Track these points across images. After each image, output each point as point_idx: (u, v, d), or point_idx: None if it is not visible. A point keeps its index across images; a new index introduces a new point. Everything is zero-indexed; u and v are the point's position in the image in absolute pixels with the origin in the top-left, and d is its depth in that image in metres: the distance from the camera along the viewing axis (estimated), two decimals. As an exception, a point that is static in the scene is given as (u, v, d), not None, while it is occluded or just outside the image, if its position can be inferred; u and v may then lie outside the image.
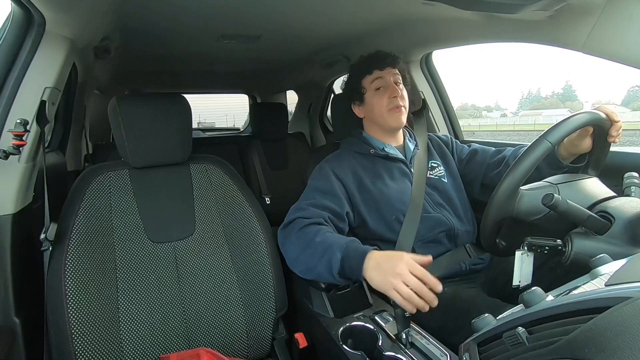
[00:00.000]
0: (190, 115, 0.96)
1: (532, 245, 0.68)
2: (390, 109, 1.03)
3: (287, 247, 0.89)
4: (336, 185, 0.98)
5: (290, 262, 0.89)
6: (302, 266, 0.86)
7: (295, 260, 0.87)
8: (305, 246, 0.84)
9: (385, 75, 1.04)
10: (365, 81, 1.06)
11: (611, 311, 0.32)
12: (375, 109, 1.05)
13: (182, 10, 1.09)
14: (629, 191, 0.72)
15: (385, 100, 1.03)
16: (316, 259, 0.81)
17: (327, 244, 0.81)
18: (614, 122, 0.77)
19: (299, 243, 0.85)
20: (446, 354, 0.68)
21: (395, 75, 1.05)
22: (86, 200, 0.83)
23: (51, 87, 0.77)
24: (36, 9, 0.72)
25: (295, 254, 0.86)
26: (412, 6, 1.09)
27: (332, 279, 0.80)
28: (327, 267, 0.79)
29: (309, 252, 0.83)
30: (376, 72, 1.05)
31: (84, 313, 0.75)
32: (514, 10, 0.82)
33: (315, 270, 0.82)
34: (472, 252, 1.04)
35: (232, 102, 3.68)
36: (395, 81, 1.05)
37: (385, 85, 1.04)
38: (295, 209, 0.94)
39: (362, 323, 0.81)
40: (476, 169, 1.11)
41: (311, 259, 0.82)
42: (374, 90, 1.05)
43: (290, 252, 0.88)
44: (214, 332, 0.87)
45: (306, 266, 0.84)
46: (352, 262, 0.76)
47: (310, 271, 0.84)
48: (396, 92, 1.03)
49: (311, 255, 0.82)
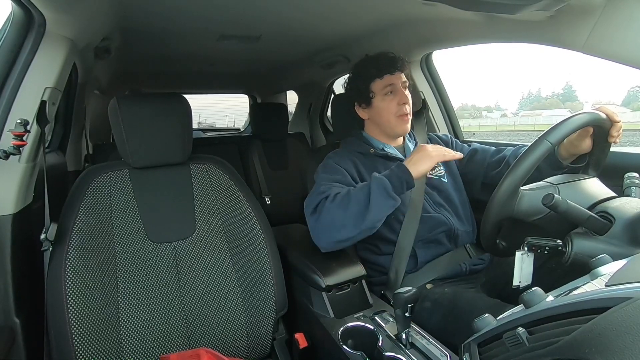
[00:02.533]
0: (191, 115, 0.96)
1: (532, 245, 0.68)
2: (399, 116, 1.03)
3: (327, 220, 0.89)
4: (344, 172, 0.99)
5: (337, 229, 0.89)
6: (351, 219, 0.87)
7: (343, 220, 0.88)
8: (347, 203, 0.88)
9: (395, 79, 1.03)
10: (374, 85, 1.04)
11: (611, 312, 0.32)
12: (384, 114, 1.05)
13: (182, 10, 1.09)
14: (629, 191, 0.72)
15: (394, 106, 1.03)
16: (365, 201, 0.86)
17: (364, 187, 0.89)
18: (614, 122, 0.77)
19: (339, 206, 0.89)
20: (446, 354, 0.68)
21: (403, 79, 1.05)
22: (86, 200, 0.83)
23: (51, 87, 0.77)
24: (36, 9, 0.72)
25: (340, 216, 0.88)
26: (412, 7, 1.09)
27: (389, 203, 0.87)
28: (381, 195, 0.86)
29: (354, 203, 0.87)
30: (387, 76, 1.03)
31: (84, 313, 0.75)
32: (514, 11, 0.82)
33: (369, 210, 0.86)
34: (472, 253, 1.04)
35: (232, 102, 3.68)
36: (404, 86, 1.05)
37: (395, 91, 1.03)
38: (315, 194, 0.94)
39: (362, 323, 0.81)
40: (476, 169, 1.11)
41: (359, 206, 0.86)
42: (383, 95, 1.04)
43: (334, 221, 0.89)
44: (214, 332, 0.87)
45: (358, 214, 0.86)
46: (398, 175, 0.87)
47: (362, 216, 0.86)
48: (405, 98, 1.02)
49: (357, 203, 0.87)
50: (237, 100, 3.34)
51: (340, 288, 0.90)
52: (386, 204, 0.86)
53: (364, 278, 0.93)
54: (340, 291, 0.90)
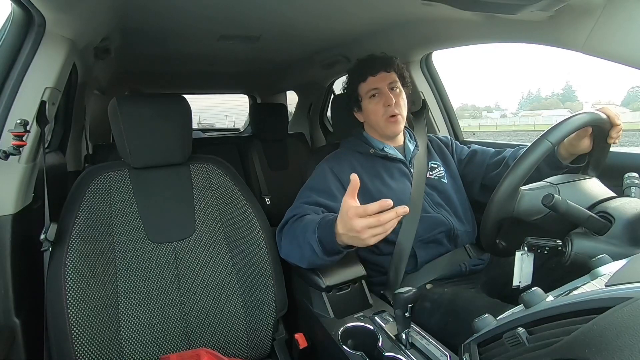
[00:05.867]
0: (190, 115, 0.96)
1: (532, 245, 0.68)
2: (387, 118, 1.02)
3: (282, 245, 0.91)
4: (332, 184, 0.98)
5: (285, 257, 0.91)
6: (296, 258, 0.87)
7: (289, 254, 0.89)
8: (292, 238, 0.86)
9: (378, 81, 1.03)
10: (360, 88, 1.06)
11: (611, 312, 0.32)
12: (372, 117, 1.05)
13: (182, 10, 1.09)
14: (629, 192, 0.72)
15: (381, 108, 1.02)
16: (303, 248, 0.82)
17: (305, 230, 0.82)
18: (614, 124, 0.77)
19: (289, 238, 0.88)
20: (446, 355, 0.68)
21: (389, 79, 1.04)
22: (86, 200, 0.83)
23: (51, 87, 0.77)
24: (36, 10, 0.71)
25: (288, 249, 0.88)
26: (412, 6, 1.09)
27: (323, 261, 0.80)
28: (312, 251, 0.80)
29: (296, 244, 0.84)
30: (370, 78, 1.03)
31: (84, 313, 0.75)
32: (514, 11, 0.82)
33: (307, 258, 0.83)
34: (472, 253, 1.04)
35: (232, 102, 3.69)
36: (391, 86, 1.03)
37: (380, 93, 1.03)
38: (290, 210, 0.95)
39: (362, 323, 0.81)
40: (476, 170, 1.11)
41: (299, 250, 0.83)
42: (369, 98, 1.04)
43: (284, 249, 0.90)
44: (214, 333, 0.87)
45: (300, 257, 0.85)
46: (327, 238, 0.76)
47: (304, 260, 0.84)
48: (390, 100, 1.01)
49: (298, 245, 0.83)
50: (237, 100, 3.35)
51: (340, 288, 0.90)
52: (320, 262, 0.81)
53: (364, 278, 0.93)
54: (340, 291, 0.90)
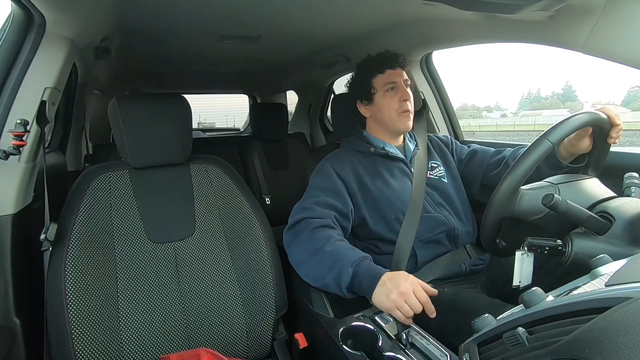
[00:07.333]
0: (191, 115, 0.96)
1: (532, 245, 0.68)
2: (401, 112, 1.02)
3: (294, 250, 0.89)
4: (338, 183, 0.98)
5: (295, 264, 0.88)
6: (307, 272, 0.85)
7: (301, 264, 0.87)
8: (314, 253, 0.83)
9: (396, 75, 1.03)
10: (376, 81, 1.05)
11: (611, 311, 0.32)
12: (385, 111, 1.04)
13: (182, 10, 1.09)
14: (629, 191, 0.72)
15: (396, 102, 1.02)
16: (324, 269, 0.80)
17: (338, 256, 0.80)
18: (614, 124, 0.77)
19: (307, 248, 0.85)
20: (446, 355, 0.68)
21: (404, 76, 1.05)
22: (86, 200, 0.83)
23: (51, 87, 0.77)
24: (36, 9, 0.71)
25: (302, 258, 0.86)
26: (412, 6, 1.09)
27: (337, 291, 0.80)
28: (335, 280, 0.78)
29: (317, 260, 0.82)
30: (388, 71, 1.03)
31: (84, 313, 0.75)
32: (514, 11, 0.82)
33: (322, 280, 0.81)
34: (472, 253, 1.04)
35: (232, 102, 3.69)
36: (405, 83, 1.04)
37: (397, 87, 1.03)
38: (300, 209, 0.93)
39: (362, 323, 0.81)
40: (476, 170, 1.11)
41: (319, 268, 0.82)
42: (384, 91, 1.04)
43: (296, 256, 0.88)
44: (214, 332, 0.87)
45: (313, 273, 0.84)
46: (363, 282, 0.76)
47: (316, 279, 0.83)
48: (407, 95, 1.02)
49: (319, 263, 0.82)
50: (237, 100, 3.35)
51: None
52: (333, 289, 0.81)
53: (364, 278, 0.93)
54: None
